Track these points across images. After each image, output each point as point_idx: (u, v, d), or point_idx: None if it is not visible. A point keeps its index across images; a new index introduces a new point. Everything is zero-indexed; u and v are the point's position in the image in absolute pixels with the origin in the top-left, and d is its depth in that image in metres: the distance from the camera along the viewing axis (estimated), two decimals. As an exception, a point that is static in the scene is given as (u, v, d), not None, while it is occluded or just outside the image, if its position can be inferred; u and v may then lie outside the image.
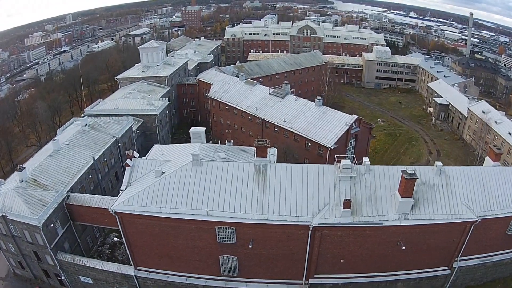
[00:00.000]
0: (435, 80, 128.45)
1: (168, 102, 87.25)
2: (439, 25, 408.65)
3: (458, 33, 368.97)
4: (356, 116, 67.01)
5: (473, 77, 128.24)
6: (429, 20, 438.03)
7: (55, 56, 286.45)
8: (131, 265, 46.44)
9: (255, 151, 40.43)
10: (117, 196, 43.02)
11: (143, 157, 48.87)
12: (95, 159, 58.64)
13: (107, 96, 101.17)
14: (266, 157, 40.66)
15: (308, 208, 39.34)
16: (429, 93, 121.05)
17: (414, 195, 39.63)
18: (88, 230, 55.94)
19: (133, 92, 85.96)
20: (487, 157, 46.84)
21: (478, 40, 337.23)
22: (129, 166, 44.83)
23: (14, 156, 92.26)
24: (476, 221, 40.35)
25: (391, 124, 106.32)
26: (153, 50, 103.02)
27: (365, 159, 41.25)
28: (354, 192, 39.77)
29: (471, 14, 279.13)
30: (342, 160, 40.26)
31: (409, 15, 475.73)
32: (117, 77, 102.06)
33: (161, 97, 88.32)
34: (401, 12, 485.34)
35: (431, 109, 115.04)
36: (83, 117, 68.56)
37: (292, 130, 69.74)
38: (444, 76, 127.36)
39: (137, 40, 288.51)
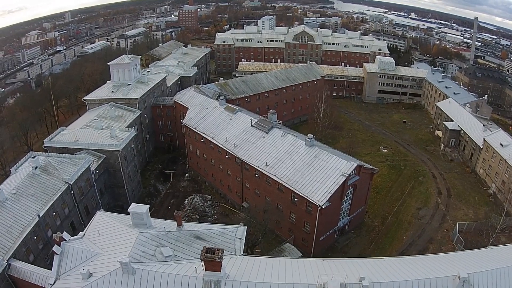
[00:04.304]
0: (443, 96, 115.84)
1: (135, 133, 74.17)
2: (440, 27, 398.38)
3: (460, 35, 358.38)
4: (356, 164, 54.17)
5: (486, 95, 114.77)
6: (430, 22, 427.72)
7: (49, 57, 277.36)
8: None
9: (203, 265, 27.72)
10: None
11: (80, 233, 38.42)
12: (41, 215, 48.34)
13: (85, 111, 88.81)
14: (220, 271, 27.94)
15: None
16: (437, 113, 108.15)
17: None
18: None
19: (97, 120, 73.00)
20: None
21: (479, 43, 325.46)
22: (56, 254, 35.07)
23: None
24: None
25: (395, 152, 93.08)
26: (124, 67, 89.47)
27: (363, 278, 28.37)
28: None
29: (476, 18, 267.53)
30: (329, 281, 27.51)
31: (410, 16, 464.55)
32: (84, 98, 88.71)
33: (127, 126, 75.43)
34: (401, 14, 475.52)
35: (439, 133, 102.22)
36: (33, 158, 56.51)
37: (275, 178, 57.03)
38: (454, 93, 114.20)
39: (129, 42, 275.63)
